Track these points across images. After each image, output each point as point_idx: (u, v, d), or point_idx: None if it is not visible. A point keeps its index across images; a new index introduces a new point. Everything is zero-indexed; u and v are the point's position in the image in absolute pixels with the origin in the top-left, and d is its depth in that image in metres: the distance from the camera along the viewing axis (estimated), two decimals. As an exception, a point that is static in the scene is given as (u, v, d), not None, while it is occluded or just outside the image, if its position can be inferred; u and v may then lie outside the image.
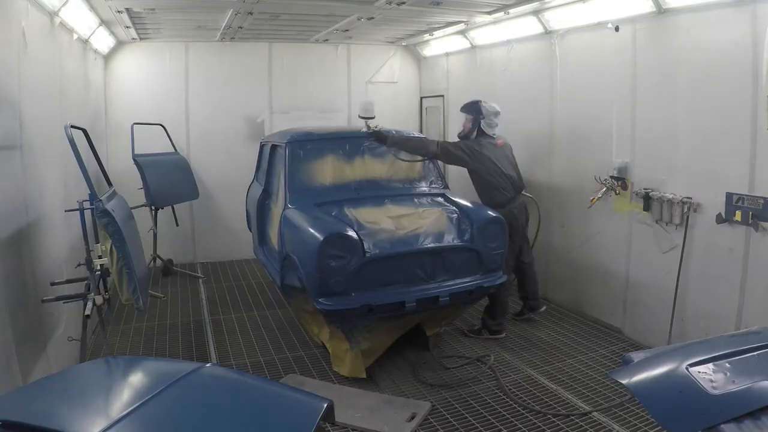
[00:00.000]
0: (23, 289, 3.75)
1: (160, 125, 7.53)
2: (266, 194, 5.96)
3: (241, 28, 6.99)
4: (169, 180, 7.22)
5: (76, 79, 5.82)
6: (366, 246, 4.37)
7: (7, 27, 3.68)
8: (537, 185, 6.40)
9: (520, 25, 6.33)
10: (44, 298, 3.83)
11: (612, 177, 5.24)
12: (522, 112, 6.58)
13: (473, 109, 5.52)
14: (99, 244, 3.96)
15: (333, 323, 4.60)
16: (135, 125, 7.05)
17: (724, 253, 4.34)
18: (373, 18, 6.45)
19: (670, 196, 4.72)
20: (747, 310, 4.19)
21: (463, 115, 5.64)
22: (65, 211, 4.44)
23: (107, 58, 7.65)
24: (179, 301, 6.75)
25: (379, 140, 5.41)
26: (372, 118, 5.41)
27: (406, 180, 5.53)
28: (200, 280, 7.54)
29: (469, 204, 5.10)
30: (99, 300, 3.76)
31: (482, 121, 5.44)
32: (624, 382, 2.04)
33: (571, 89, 5.86)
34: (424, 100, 9.26)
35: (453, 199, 5.23)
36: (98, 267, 3.84)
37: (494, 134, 5.52)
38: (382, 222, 4.70)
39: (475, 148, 5.40)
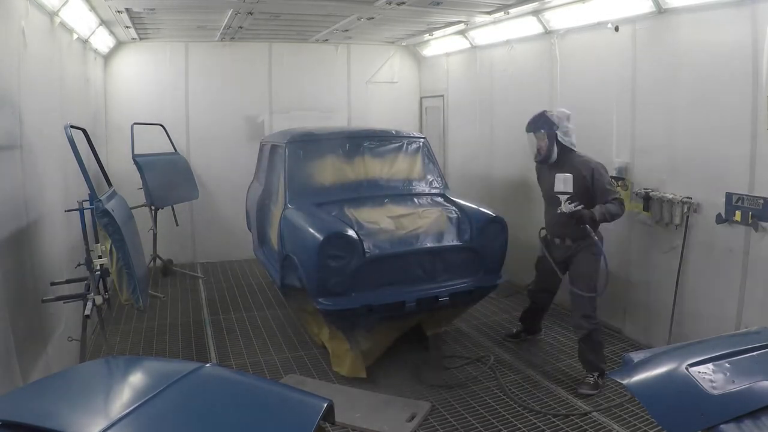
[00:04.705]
0: (23, 289, 3.75)
1: (160, 125, 7.52)
2: (266, 194, 5.96)
3: (241, 28, 6.99)
4: (169, 180, 7.23)
5: (76, 79, 5.81)
6: (366, 246, 4.36)
7: (7, 27, 3.68)
8: (536, 185, 6.38)
9: (520, 25, 6.33)
10: (44, 298, 3.82)
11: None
12: (522, 113, 6.54)
13: (543, 122, 4.60)
14: (99, 244, 3.97)
15: (333, 323, 4.60)
16: (135, 125, 7.05)
17: (724, 253, 4.33)
18: (373, 18, 6.45)
19: (670, 196, 4.71)
20: (747, 310, 4.19)
21: (531, 134, 4.71)
22: (65, 211, 4.44)
23: (107, 58, 7.65)
24: (179, 301, 6.74)
25: (579, 220, 4.42)
26: (570, 193, 4.37)
27: (406, 180, 5.51)
28: (200, 280, 7.54)
29: (469, 204, 5.09)
30: (99, 300, 3.76)
31: (558, 132, 4.54)
32: (624, 382, 2.04)
33: (571, 89, 5.85)
34: (424, 100, 9.26)
35: (453, 199, 5.23)
36: (98, 267, 3.85)
37: (573, 142, 4.63)
38: (382, 222, 4.70)
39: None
